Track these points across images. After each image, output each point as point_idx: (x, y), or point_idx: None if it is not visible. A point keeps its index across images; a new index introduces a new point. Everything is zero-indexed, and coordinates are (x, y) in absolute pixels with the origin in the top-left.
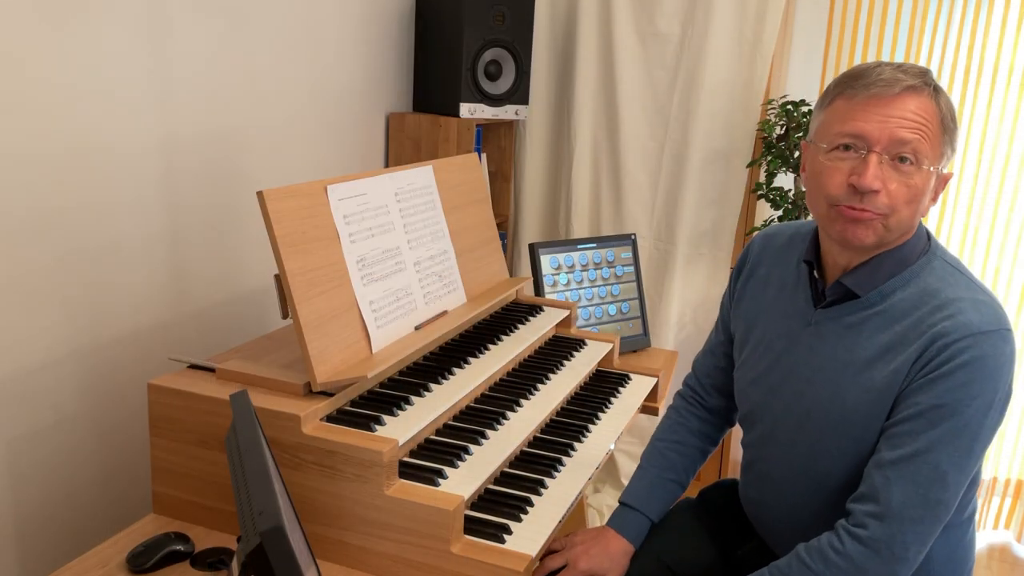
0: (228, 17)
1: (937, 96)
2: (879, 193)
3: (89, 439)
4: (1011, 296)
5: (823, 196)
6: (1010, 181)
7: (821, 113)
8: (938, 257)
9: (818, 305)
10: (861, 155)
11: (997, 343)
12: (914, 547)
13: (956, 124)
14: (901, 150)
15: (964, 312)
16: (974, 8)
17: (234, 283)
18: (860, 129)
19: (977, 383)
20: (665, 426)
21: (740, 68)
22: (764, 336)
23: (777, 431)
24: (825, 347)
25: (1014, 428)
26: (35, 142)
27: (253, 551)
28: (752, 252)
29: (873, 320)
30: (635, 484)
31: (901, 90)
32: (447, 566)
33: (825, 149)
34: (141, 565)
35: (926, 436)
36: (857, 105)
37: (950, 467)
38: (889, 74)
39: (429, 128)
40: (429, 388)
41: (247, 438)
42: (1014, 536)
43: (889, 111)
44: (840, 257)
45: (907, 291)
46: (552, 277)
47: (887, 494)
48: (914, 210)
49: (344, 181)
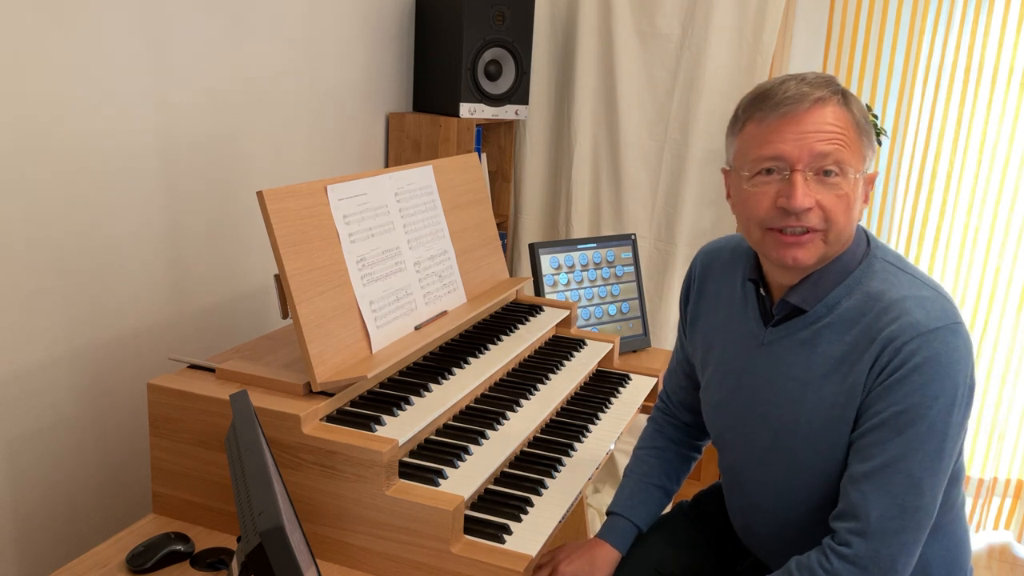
0: (228, 17)
1: (847, 102)
2: (812, 210)
3: (89, 439)
4: (1011, 296)
5: (754, 222)
6: (1010, 181)
7: (734, 140)
8: (878, 259)
9: (768, 324)
10: (784, 176)
11: (947, 338)
12: (901, 559)
13: (869, 123)
14: (823, 163)
15: (910, 312)
16: (974, 8)
17: (234, 283)
18: (778, 151)
19: (935, 383)
20: (645, 435)
21: (740, 68)
22: (723, 358)
23: (751, 456)
24: (782, 366)
25: (1014, 428)
26: (35, 142)
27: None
28: (696, 271)
29: (824, 333)
30: (619, 493)
31: (810, 104)
32: (447, 566)
33: (747, 176)
34: (141, 565)
35: (893, 444)
36: (770, 127)
37: (923, 472)
38: (795, 90)
39: (429, 128)
40: (429, 388)
41: (247, 438)
42: (1014, 536)
43: (803, 127)
44: (782, 277)
45: (852, 299)
46: (552, 277)
47: (865, 509)
48: (850, 218)
49: (344, 181)
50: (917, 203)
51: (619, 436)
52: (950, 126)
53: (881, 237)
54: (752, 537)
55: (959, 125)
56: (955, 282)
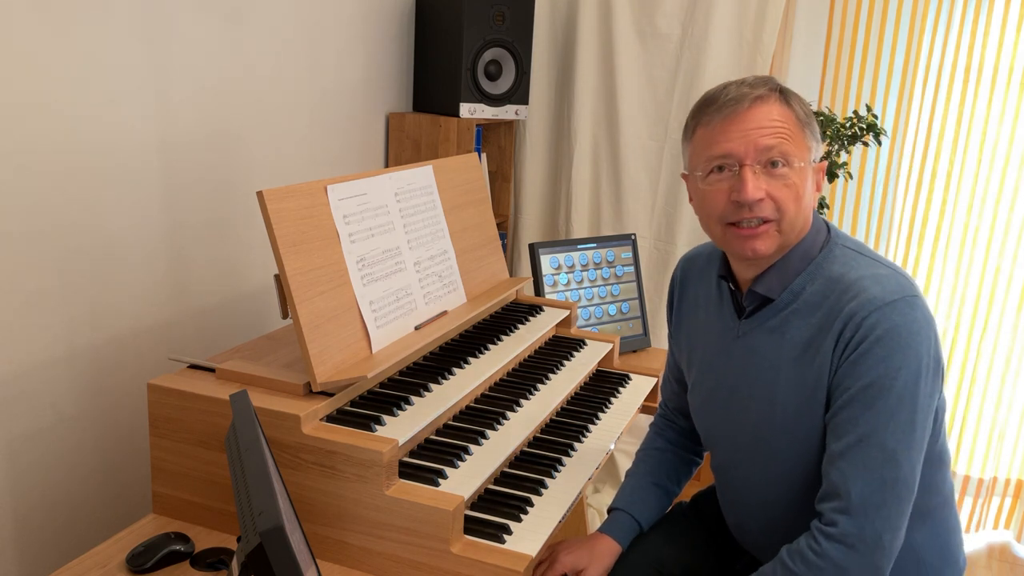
0: (228, 17)
1: (786, 98)
2: (763, 200)
3: (89, 439)
4: (1011, 296)
5: (713, 219)
6: (1010, 181)
7: (688, 146)
8: (839, 245)
9: (741, 316)
10: (735, 171)
11: (904, 311)
12: (886, 534)
13: (811, 116)
14: (769, 156)
15: (867, 289)
16: (974, 8)
17: (234, 283)
18: (725, 149)
19: (897, 354)
20: (646, 439)
21: (740, 68)
22: (704, 357)
23: (736, 450)
24: (755, 356)
25: (1014, 428)
26: (35, 142)
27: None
28: (677, 279)
29: (791, 320)
30: (620, 491)
31: (750, 103)
32: (447, 566)
33: (701, 176)
34: (141, 565)
35: (864, 419)
36: (716, 129)
37: (897, 444)
38: (735, 92)
39: (429, 128)
40: (429, 388)
41: (247, 438)
42: (1014, 536)
43: (746, 125)
44: (747, 271)
45: (815, 284)
46: (552, 277)
47: (845, 487)
48: (800, 206)
49: (344, 181)
50: (917, 203)
51: (619, 436)
52: (950, 126)
53: (881, 237)
54: (745, 534)
55: (959, 125)
56: (955, 282)
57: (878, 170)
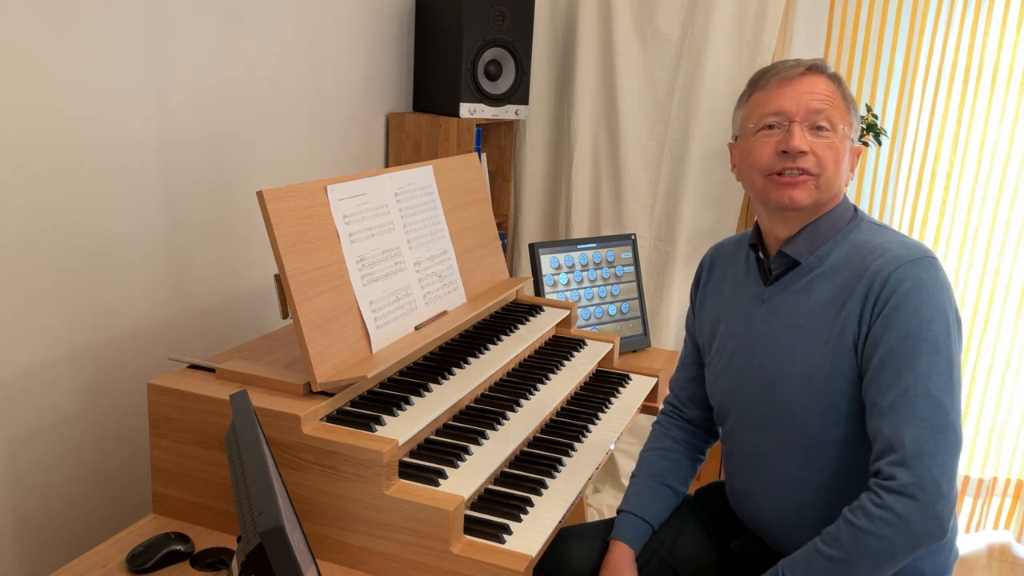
0: (228, 17)
1: (836, 79)
2: (807, 154)
3: (89, 439)
4: (1011, 296)
5: (757, 170)
6: (1010, 181)
7: (741, 110)
8: (865, 220)
9: (768, 282)
10: (784, 128)
11: (927, 267)
12: (944, 482)
13: (856, 102)
14: (816, 119)
15: (891, 249)
16: (974, 8)
17: (234, 283)
18: (779, 107)
19: (927, 305)
20: (650, 439)
21: (740, 68)
22: (727, 327)
23: (749, 410)
24: (778, 317)
25: (1014, 428)
26: (35, 142)
27: (253, 551)
28: (705, 263)
29: (816, 281)
30: (628, 493)
31: (804, 70)
32: (447, 566)
33: (752, 130)
34: (141, 565)
35: (908, 370)
36: (771, 91)
37: (941, 392)
38: (792, 62)
39: (429, 128)
40: (429, 388)
41: (247, 438)
42: (1014, 536)
43: (799, 88)
44: (780, 230)
45: (841, 250)
46: (552, 277)
47: (899, 438)
48: (838, 169)
49: (344, 181)
50: (917, 203)
51: (619, 436)
52: (950, 126)
53: None
54: (748, 504)
55: (959, 125)
56: (955, 282)
57: (878, 170)
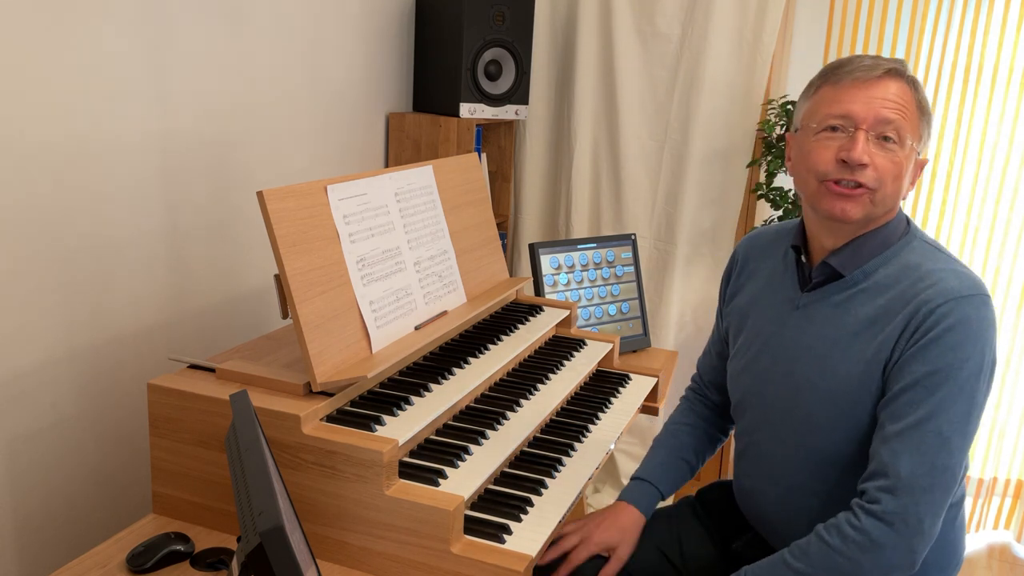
0: (228, 17)
1: (913, 84)
2: (867, 167)
3: (89, 439)
4: (1011, 296)
5: (813, 174)
6: (1010, 181)
7: (807, 102)
8: (918, 238)
9: (805, 288)
10: (849, 133)
11: (979, 307)
12: (928, 518)
13: (930, 112)
14: (884, 129)
15: (945, 280)
16: (974, 8)
17: (234, 283)
18: (847, 110)
19: (966, 345)
20: (677, 411)
21: (740, 68)
22: (755, 324)
23: (769, 413)
24: (813, 326)
25: (1014, 428)
26: (35, 141)
27: (253, 551)
28: (740, 253)
29: (858, 297)
30: (648, 461)
31: (882, 73)
32: (447, 566)
33: (815, 130)
34: (141, 565)
35: (926, 404)
36: (842, 89)
37: (952, 432)
38: (870, 61)
39: (429, 128)
40: (429, 388)
41: (247, 438)
42: (1014, 536)
43: (872, 92)
44: (826, 239)
45: (889, 268)
46: (552, 277)
47: (896, 467)
48: (898, 187)
49: (344, 181)
50: (917, 203)
51: (619, 436)
52: (950, 126)
53: None
54: (756, 503)
55: (959, 125)
56: None
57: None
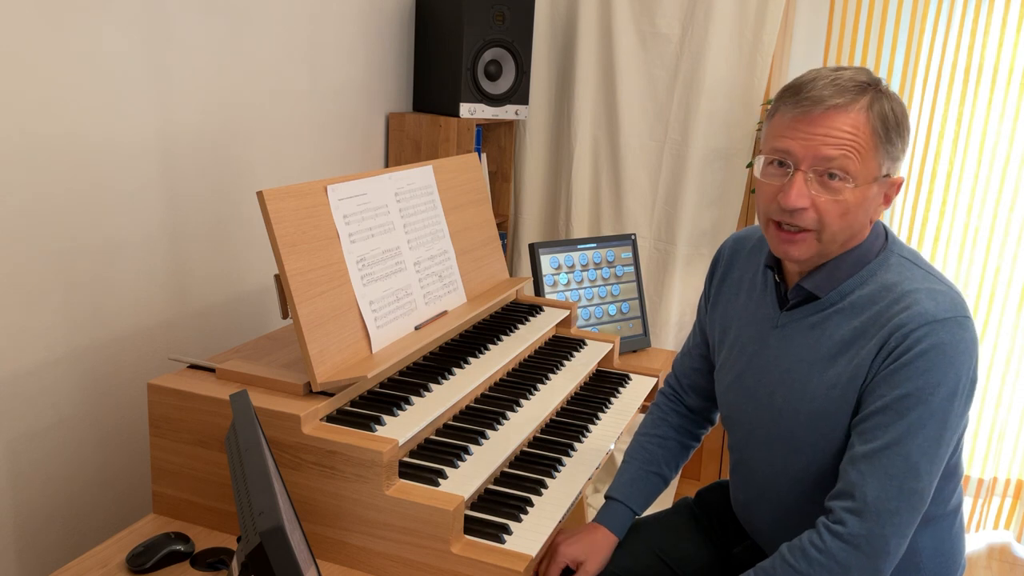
0: (228, 16)
1: (871, 107)
2: (806, 210)
3: (89, 439)
4: (1011, 296)
5: (761, 211)
6: (1010, 181)
7: (767, 124)
8: (895, 254)
9: (783, 308)
10: (788, 172)
11: (954, 330)
12: (894, 540)
13: (900, 127)
14: (827, 167)
15: (920, 302)
16: (974, 8)
17: (234, 283)
18: (787, 146)
19: (938, 370)
20: (647, 422)
21: (740, 68)
22: (737, 339)
23: (755, 432)
24: (791, 348)
25: (1014, 428)
26: (35, 141)
27: (253, 551)
28: (723, 256)
29: (834, 318)
30: (619, 478)
31: (824, 110)
32: (447, 566)
33: (763, 164)
34: (141, 565)
35: (895, 427)
36: (786, 121)
37: (920, 457)
38: (819, 91)
39: (429, 128)
40: (429, 388)
41: (247, 438)
42: (1014, 536)
43: (813, 129)
44: (792, 266)
45: (865, 288)
46: (552, 277)
47: (863, 489)
48: (849, 222)
49: (344, 181)
50: (917, 203)
51: (619, 436)
52: (950, 126)
53: None
54: (751, 516)
55: (959, 125)
56: (955, 282)
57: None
